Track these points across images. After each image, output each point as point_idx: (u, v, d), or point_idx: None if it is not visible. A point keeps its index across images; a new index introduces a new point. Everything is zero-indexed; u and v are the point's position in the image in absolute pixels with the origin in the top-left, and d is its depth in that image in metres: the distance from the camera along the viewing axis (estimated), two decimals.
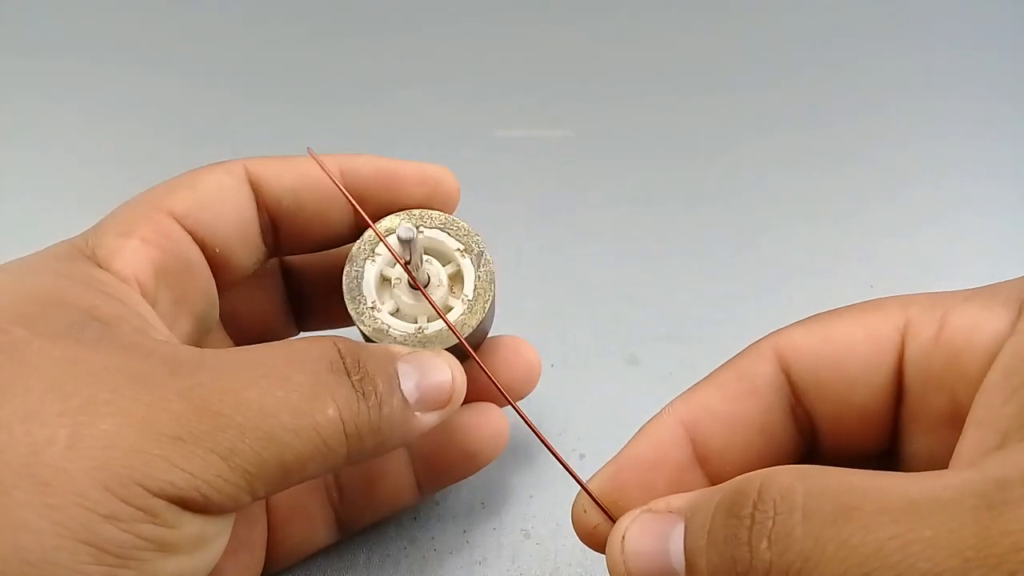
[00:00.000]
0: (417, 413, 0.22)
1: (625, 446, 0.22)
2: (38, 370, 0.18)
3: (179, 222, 0.24)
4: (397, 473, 0.27)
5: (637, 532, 0.19)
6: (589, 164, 0.44)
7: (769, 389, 0.21)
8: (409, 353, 0.23)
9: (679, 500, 0.19)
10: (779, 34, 0.51)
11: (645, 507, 0.19)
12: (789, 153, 0.44)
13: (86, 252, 0.22)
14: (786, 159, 0.44)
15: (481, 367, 0.24)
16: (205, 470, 0.18)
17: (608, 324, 0.36)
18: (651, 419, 0.22)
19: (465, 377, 0.24)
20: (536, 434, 0.23)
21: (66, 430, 0.17)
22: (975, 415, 0.17)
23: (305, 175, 0.26)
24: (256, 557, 0.26)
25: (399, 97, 0.48)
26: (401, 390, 0.21)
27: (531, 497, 0.31)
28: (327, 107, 0.47)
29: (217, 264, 0.25)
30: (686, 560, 0.17)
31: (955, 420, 0.18)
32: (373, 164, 0.26)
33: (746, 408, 0.21)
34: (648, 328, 0.36)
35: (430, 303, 0.24)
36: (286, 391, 0.19)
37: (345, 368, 0.21)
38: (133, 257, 0.22)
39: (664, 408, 0.22)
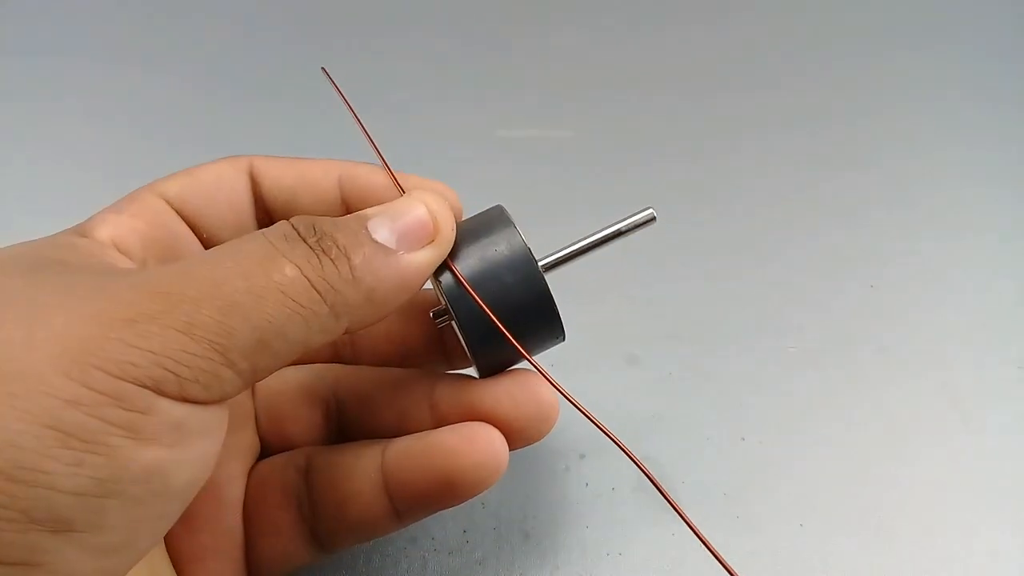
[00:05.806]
0: (403, 253, 0.21)
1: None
2: None
3: (169, 203, 0.24)
4: (370, 495, 0.25)
5: None
6: (589, 164, 0.44)
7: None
8: (379, 209, 0.22)
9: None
10: (781, 36, 0.51)
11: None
12: (790, 154, 0.44)
13: (77, 229, 0.23)
14: (787, 160, 0.44)
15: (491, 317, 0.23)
16: (165, 346, 0.17)
17: (608, 323, 0.36)
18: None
19: (449, 209, 0.23)
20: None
21: (21, 330, 0.17)
22: None
23: (303, 177, 0.26)
24: (229, 568, 0.25)
25: (400, 97, 0.48)
26: (374, 240, 0.21)
27: (531, 497, 0.31)
28: (327, 107, 0.47)
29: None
30: None
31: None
32: (375, 176, 0.26)
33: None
34: (648, 328, 0.36)
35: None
36: (236, 260, 0.19)
37: (299, 235, 0.20)
38: (115, 228, 0.23)
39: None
